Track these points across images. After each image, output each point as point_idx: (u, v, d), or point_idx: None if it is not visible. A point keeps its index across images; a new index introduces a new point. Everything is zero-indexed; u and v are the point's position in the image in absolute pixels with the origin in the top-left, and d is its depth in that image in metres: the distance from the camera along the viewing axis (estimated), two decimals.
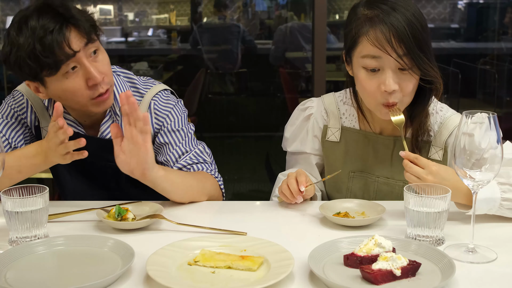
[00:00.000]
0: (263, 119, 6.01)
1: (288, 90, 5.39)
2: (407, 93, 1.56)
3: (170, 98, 1.81)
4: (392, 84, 1.52)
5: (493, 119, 1.26)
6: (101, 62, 1.61)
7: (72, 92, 1.58)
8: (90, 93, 1.59)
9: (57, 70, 1.54)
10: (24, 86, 1.78)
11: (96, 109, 1.64)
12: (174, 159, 1.74)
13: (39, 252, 1.32)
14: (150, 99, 1.77)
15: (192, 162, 1.74)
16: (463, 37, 6.01)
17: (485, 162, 1.27)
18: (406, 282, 1.16)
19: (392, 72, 1.52)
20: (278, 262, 1.23)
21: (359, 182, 1.75)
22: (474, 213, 1.34)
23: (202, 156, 1.77)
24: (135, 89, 1.78)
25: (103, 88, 1.61)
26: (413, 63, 1.51)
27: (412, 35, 1.49)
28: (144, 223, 1.47)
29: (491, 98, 5.38)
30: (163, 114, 1.77)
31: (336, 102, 1.80)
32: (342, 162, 1.76)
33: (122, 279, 1.21)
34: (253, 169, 4.98)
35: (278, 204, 1.70)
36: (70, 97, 1.60)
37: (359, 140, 1.74)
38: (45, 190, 1.38)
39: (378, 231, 1.45)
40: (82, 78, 1.57)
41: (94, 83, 1.58)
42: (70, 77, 1.57)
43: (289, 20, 6.08)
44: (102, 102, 1.63)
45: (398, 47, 1.49)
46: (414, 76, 1.54)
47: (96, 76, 1.57)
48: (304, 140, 1.82)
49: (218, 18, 5.93)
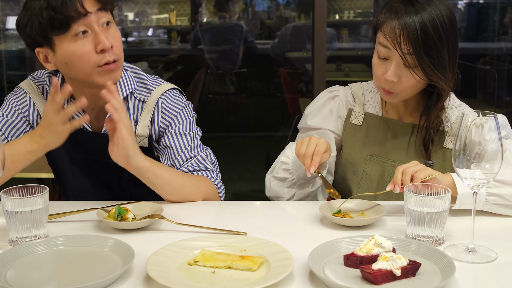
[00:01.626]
0: (263, 119, 6.02)
1: (288, 90, 5.39)
2: (404, 88, 1.65)
3: (180, 99, 1.78)
4: (392, 75, 1.63)
5: (494, 119, 1.26)
6: (112, 34, 1.61)
7: (80, 56, 1.57)
8: (97, 59, 1.58)
9: (67, 29, 1.54)
10: (27, 82, 1.79)
11: (101, 79, 1.60)
12: (178, 165, 1.73)
13: (39, 252, 1.32)
14: (158, 97, 1.74)
15: (193, 169, 1.72)
16: (463, 37, 6.01)
17: (486, 163, 1.27)
18: (406, 282, 1.16)
19: (396, 65, 1.62)
20: (278, 262, 1.23)
21: (375, 166, 1.79)
22: (474, 213, 1.34)
23: (204, 164, 1.74)
24: (142, 85, 1.77)
25: (111, 57, 1.60)
26: (416, 64, 1.60)
27: (422, 39, 1.57)
28: (144, 223, 1.47)
29: (491, 98, 5.38)
30: (171, 115, 1.75)
31: (363, 90, 1.88)
32: (361, 145, 1.81)
33: (122, 279, 1.21)
34: (253, 169, 4.98)
35: (278, 204, 1.69)
36: (77, 63, 1.59)
37: (380, 125, 1.81)
38: (45, 190, 1.38)
39: (378, 231, 1.45)
40: (91, 43, 1.58)
41: (102, 48, 1.57)
42: (79, 40, 1.57)
43: (289, 20, 6.09)
44: (108, 72, 1.61)
45: (405, 45, 1.59)
46: (415, 76, 1.62)
47: (104, 41, 1.57)
48: (327, 118, 1.86)
49: (218, 18, 5.93)
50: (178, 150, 1.73)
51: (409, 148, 1.76)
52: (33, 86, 1.79)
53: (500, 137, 1.28)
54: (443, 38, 1.59)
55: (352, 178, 1.82)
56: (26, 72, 5.32)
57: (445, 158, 1.73)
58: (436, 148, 1.73)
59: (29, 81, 1.80)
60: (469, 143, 1.27)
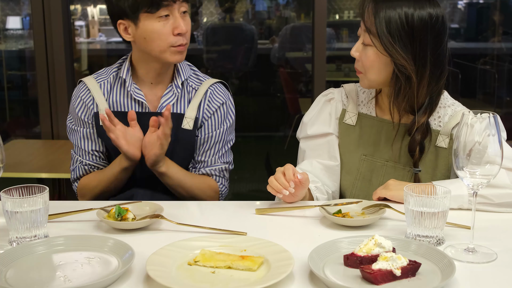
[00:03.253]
0: (263, 119, 6.01)
1: (288, 90, 5.39)
2: (368, 66, 1.69)
3: (224, 93, 1.97)
4: (353, 50, 1.72)
5: (495, 119, 1.26)
6: (187, 22, 1.85)
7: (159, 34, 1.80)
8: (173, 40, 1.81)
9: (157, 10, 1.77)
10: (89, 78, 1.95)
11: (171, 57, 1.83)
12: (205, 165, 1.95)
13: (39, 252, 1.32)
14: (208, 87, 1.94)
15: (212, 174, 1.95)
16: (463, 37, 6.01)
17: (485, 163, 1.27)
18: (406, 282, 1.17)
19: (360, 40, 1.71)
20: (278, 262, 1.23)
21: (369, 165, 1.80)
22: (474, 214, 1.34)
23: (224, 172, 1.98)
24: (195, 75, 1.97)
25: (184, 40, 1.83)
26: (375, 33, 1.64)
27: (386, 13, 1.62)
28: (144, 223, 1.47)
29: (491, 98, 5.38)
30: (215, 105, 1.94)
31: (357, 90, 1.88)
32: (355, 145, 1.82)
33: (122, 279, 1.21)
34: (253, 169, 4.97)
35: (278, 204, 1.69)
36: (154, 39, 1.80)
37: (374, 125, 1.81)
38: (45, 190, 1.38)
39: (378, 231, 1.45)
40: (170, 26, 1.80)
41: (179, 32, 1.80)
42: (162, 22, 1.79)
43: (289, 20, 6.08)
44: (178, 53, 1.83)
45: (368, 13, 1.65)
46: (376, 52, 1.66)
47: (182, 26, 1.81)
48: (327, 122, 1.86)
49: (218, 19, 5.93)
50: (211, 152, 1.95)
51: (402, 148, 1.76)
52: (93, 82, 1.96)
53: (500, 137, 1.28)
54: (410, 24, 1.61)
55: (346, 178, 1.82)
56: (26, 72, 5.31)
57: (437, 157, 1.73)
58: (428, 148, 1.73)
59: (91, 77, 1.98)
60: (468, 143, 1.27)
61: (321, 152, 1.85)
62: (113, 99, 1.91)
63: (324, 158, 1.84)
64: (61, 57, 3.44)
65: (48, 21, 3.41)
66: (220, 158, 1.96)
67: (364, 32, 1.68)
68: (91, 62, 5.14)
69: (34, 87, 3.92)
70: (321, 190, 1.78)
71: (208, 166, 1.95)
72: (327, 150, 1.84)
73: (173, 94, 1.90)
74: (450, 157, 1.70)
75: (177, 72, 1.92)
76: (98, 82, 1.93)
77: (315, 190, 1.76)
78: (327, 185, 1.82)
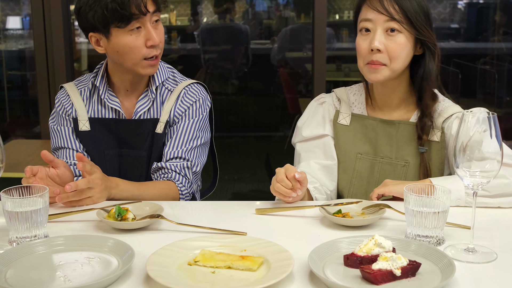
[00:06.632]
0: (263, 119, 6.01)
1: (288, 90, 5.39)
2: (395, 55, 1.70)
3: (198, 91, 1.94)
4: (378, 42, 1.69)
5: (493, 119, 1.26)
6: (160, 31, 1.82)
7: (131, 48, 1.77)
8: (146, 52, 1.78)
9: (127, 24, 1.73)
10: (70, 85, 1.95)
11: (143, 70, 1.81)
12: (167, 157, 1.86)
13: (39, 252, 1.32)
14: (182, 88, 1.92)
15: (174, 170, 1.85)
16: (463, 37, 6.01)
17: (485, 163, 1.27)
18: (406, 282, 1.17)
19: (381, 33, 1.71)
20: (278, 262, 1.23)
21: (365, 163, 1.84)
22: (474, 213, 1.34)
23: (185, 171, 1.86)
24: (172, 77, 1.95)
25: (157, 51, 1.81)
26: (402, 20, 1.68)
27: (411, 2, 1.69)
28: (144, 223, 1.47)
29: (491, 98, 5.37)
30: (187, 104, 1.90)
31: (347, 93, 1.92)
32: (350, 144, 1.85)
33: (122, 279, 1.21)
34: (253, 169, 4.97)
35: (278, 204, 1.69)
36: (127, 53, 1.77)
37: (367, 124, 1.84)
38: (45, 190, 1.38)
39: (378, 231, 1.45)
40: (143, 38, 1.77)
41: (152, 44, 1.77)
42: (133, 35, 1.76)
43: (289, 20, 6.08)
44: (150, 66, 1.81)
45: (389, 5, 1.69)
46: (405, 37, 1.70)
47: (155, 38, 1.78)
48: (321, 124, 1.89)
49: (218, 18, 5.93)
50: (173, 144, 1.87)
51: (395, 143, 1.80)
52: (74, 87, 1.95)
53: (498, 134, 1.27)
54: (425, 2, 1.72)
55: (343, 177, 1.85)
56: (26, 72, 5.31)
57: (431, 150, 1.77)
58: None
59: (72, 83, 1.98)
60: (468, 143, 1.27)
61: (317, 153, 1.87)
62: (92, 106, 1.91)
63: (321, 158, 1.86)
64: (61, 57, 3.44)
65: (48, 21, 3.41)
66: (185, 153, 1.87)
67: (385, 22, 1.69)
68: (91, 62, 5.14)
69: (34, 87, 3.92)
70: (320, 190, 1.79)
71: (168, 160, 1.87)
72: (324, 151, 1.86)
73: (148, 99, 1.89)
74: (443, 150, 1.76)
75: (152, 78, 1.89)
76: (79, 88, 1.94)
77: (314, 190, 1.77)
78: (326, 185, 1.83)
